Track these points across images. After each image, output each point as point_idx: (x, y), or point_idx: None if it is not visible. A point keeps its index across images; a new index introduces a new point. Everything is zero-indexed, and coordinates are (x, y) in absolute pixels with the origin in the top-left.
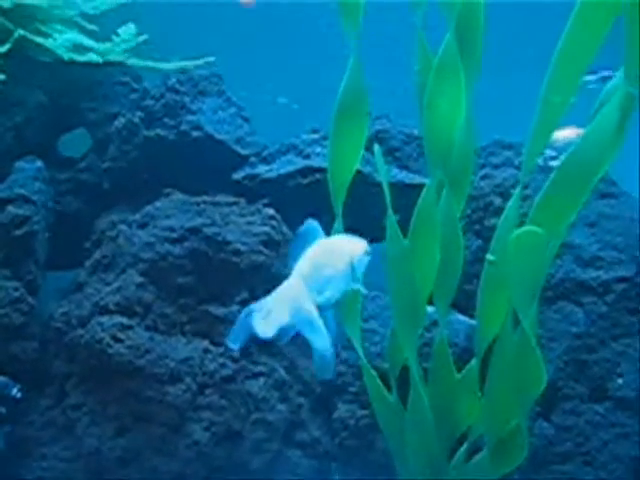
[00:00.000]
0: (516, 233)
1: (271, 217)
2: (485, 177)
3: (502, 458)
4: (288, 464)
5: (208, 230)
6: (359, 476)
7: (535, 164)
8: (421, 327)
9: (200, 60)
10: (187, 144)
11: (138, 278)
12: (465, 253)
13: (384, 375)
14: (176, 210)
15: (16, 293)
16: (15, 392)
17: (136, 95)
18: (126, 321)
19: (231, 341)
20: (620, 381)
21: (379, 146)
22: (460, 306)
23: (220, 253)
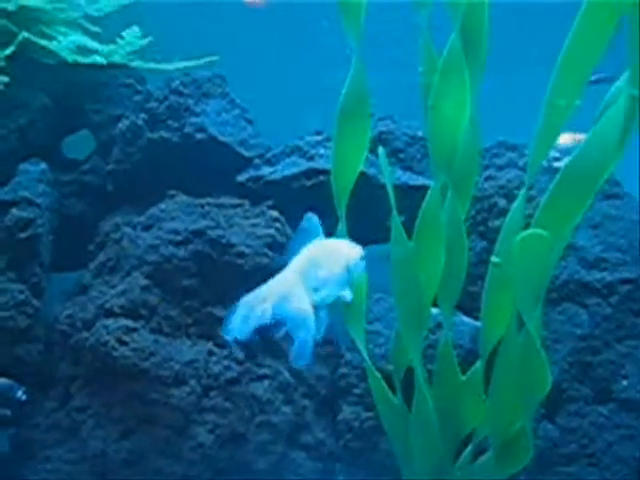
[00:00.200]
0: (521, 236)
1: (275, 219)
2: (489, 178)
3: (507, 460)
4: (293, 466)
5: (212, 233)
6: (364, 478)
7: (540, 166)
8: (426, 329)
9: (203, 60)
10: (191, 146)
11: (143, 281)
12: (469, 255)
13: (389, 377)
14: (180, 212)
15: (21, 296)
16: (20, 394)
17: (140, 97)
18: (131, 324)
19: (228, 333)
20: (625, 383)
21: (383, 148)
22: (464, 307)
23: (224, 255)
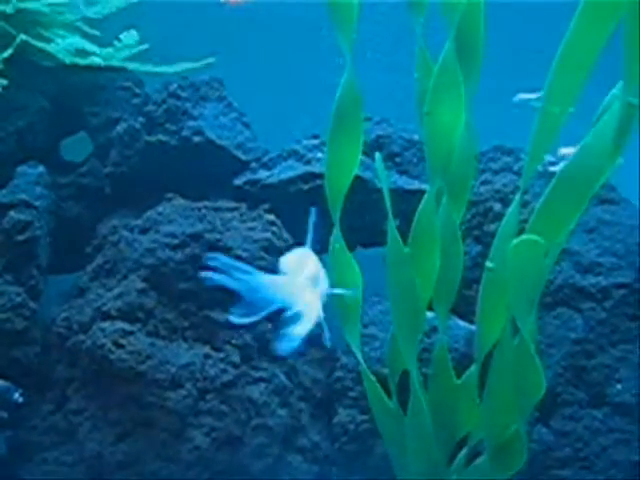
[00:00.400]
0: (515, 242)
1: (272, 223)
2: (485, 183)
3: (501, 463)
4: (288, 469)
5: (210, 236)
6: None
7: (535, 171)
8: (421, 332)
9: (200, 63)
10: (188, 149)
11: (140, 284)
12: (464, 259)
13: (384, 380)
14: (177, 215)
15: (18, 298)
16: (17, 397)
17: (138, 100)
18: (128, 327)
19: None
20: (619, 387)
21: (379, 152)
22: (459, 311)
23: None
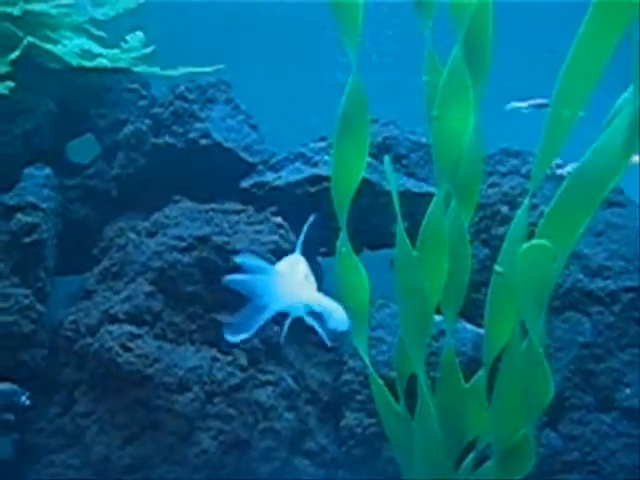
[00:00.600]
0: (525, 247)
1: (279, 226)
2: (492, 185)
3: (509, 467)
4: (295, 472)
5: (217, 239)
6: None
7: (544, 175)
8: (429, 336)
9: (207, 68)
10: (195, 152)
11: (147, 287)
12: (472, 262)
13: (391, 384)
14: (184, 218)
15: (26, 301)
16: (24, 399)
17: (145, 102)
18: (135, 330)
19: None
20: (627, 391)
21: (387, 154)
22: (467, 314)
23: (228, 262)
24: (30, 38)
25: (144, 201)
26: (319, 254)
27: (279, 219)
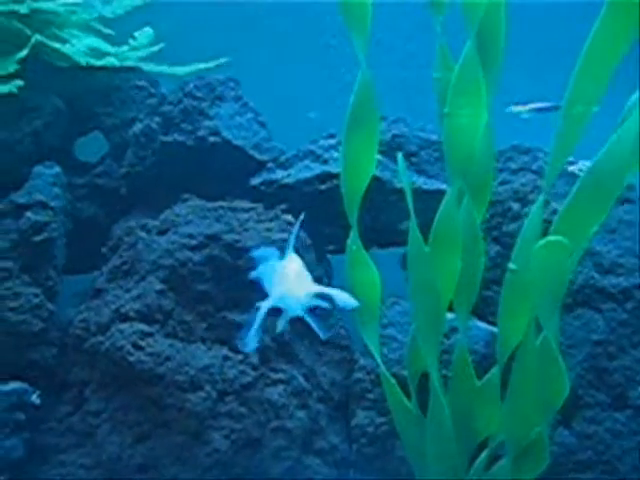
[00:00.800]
0: (541, 243)
1: (289, 223)
2: (503, 182)
3: (523, 466)
4: (307, 471)
5: (227, 237)
6: None
7: (557, 173)
8: (442, 334)
9: (214, 62)
10: (204, 149)
11: (158, 285)
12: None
13: (403, 382)
14: (194, 216)
15: (36, 299)
16: (34, 398)
17: (154, 100)
18: (146, 328)
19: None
20: None
21: (398, 152)
22: (478, 312)
23: (239, 260)
24: (38, 36)
25: (153, 199)
26: (329, 252)
27: (289, 217)
